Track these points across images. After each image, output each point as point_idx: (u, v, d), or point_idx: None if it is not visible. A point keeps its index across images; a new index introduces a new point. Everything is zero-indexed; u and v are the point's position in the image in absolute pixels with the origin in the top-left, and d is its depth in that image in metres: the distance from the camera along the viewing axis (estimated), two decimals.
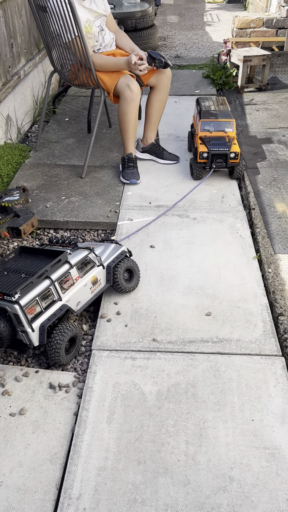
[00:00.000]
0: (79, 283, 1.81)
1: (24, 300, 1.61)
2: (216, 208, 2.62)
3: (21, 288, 1.61)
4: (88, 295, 1.87)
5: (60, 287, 1.73)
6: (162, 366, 1.71)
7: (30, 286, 1.64)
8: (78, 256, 1.83)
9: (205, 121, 2.87)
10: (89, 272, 1.86)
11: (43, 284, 1.68)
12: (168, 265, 2.22)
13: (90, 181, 2.92)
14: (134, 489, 1.35)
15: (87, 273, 1.86)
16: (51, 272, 1.71)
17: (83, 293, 1.83)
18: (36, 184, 2.88)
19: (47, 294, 1.69)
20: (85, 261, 1.85)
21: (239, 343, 1.80)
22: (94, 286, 1.88)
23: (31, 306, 1.63)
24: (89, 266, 1.87)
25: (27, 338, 1.64)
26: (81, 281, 1.82)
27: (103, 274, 1.93)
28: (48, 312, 1.69)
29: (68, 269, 1.77)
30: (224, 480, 1.36)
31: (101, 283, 1.93)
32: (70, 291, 1.77)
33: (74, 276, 1.79)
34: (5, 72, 3.29)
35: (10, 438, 1.50)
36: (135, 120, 2.78)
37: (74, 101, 4.15)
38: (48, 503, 1.33)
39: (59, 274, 1.74)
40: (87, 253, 1.86)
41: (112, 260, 1.96)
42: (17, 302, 1.59)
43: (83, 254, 1.85)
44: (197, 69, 4.97)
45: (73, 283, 1.78)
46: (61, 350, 1.67)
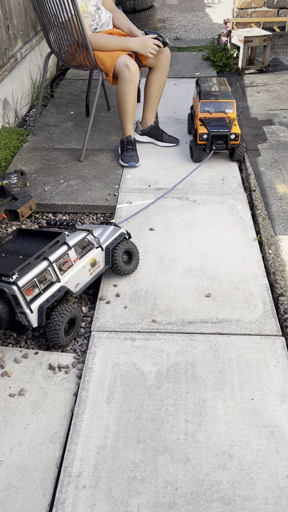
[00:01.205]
0: (77, 265, 1.80)
1: (22, 281, 1.60)
2: (216, 190, 2.60)
3: (18, 269, 1.60)
4: (87, 277, 1.86)
5: (58, 268, 1.72)
6: (161, 347, 1.71)
7: (28, 267, 1.63)
8: (76, 238, 1.82)
9: (205, 102, 2.82)
10: (87, 254, 1.85)
11: (41, 265, 1.67)
12: (167, 248, 2.20)
13: (89, 164, 2.89)
14: (133, 467, 1.35)
15: (86, 255, 1.84)
16: (49, 253, 1.70)
17: (82, 275, 1.82)
18: (34, 168, 2.85)
19: (45, 275, 1.68)
20: (84, 242, 1.83)
21: (239, 323, 1.79)
22: (93, 268, 1.87)
23: (30, 288, 1.62)
24: (88, 248, 1.85)
25: (26, 319, 1.63)
26: (80, 262, 1.81)
27: (102, 256, 1.92)
28: (46, 294, 1.68)
29: (66, 250, 1.75)
30: (223, 457, 1.37)
31: (100, 265, 1.92)
32: (68, 272, 1.76)
33: (73, 258, 1.78)
34: (1, 54, 3.24)
35: (10, 418, 1.50)
36: (134, 101, 2.74)
37: (72, 84, 4.09)
38: (48, 481, 1.34)
39: (57, 256, 1.72)
40: (85, 235, 1.85)
41: (111, 242, 1.95)
42: (15, 283, 1.58)
43: (81, 236, 1.83)
44: (197, 51, 4.89)
45: (71, 265, 1.77)
46: (60, 332, 1.67)
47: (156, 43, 2.64)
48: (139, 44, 2.63)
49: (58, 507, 1.27)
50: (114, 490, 1.30)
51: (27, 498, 1.30)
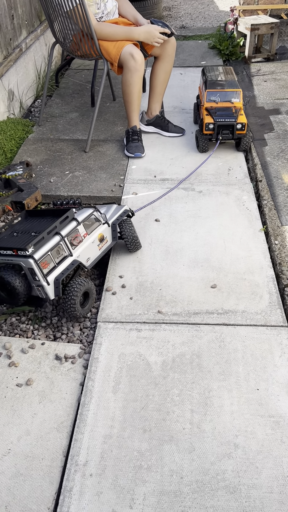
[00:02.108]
0: (87, 240, 1.87)
1: (38, 254, 1.66)
2: (222, 181, 2.58)
3: (33, 243, 1.66)
4: (97, 252, 1.93)
5: (69, 243, 1.79)
6: (167, 337, 1.71)
7: (42, 242, 1.70)
8: (84, 214, 1.89)
9: (211, 91, 2.80)
10: (95, 229, 1.92)
11: (54, 239, 1.74)
12: (173, 239, 2.20)
13: (94, 155, 2.88)
14: (139, 456, 1.37)
15: (94, 231, 1.91)
16: (60, 228, 1.77)
17: (92, 249, 1.89)
18: (39, 159, 2.85)
19: (59, 250, 1.75)
20: (91, 218, 1.90)
21: (244, 314, 1.79)
22: (101, 243, 1.95)
23: (45, 261, 1.69)
24: (96, 224, 1.92)
25: (43, 291, 1.70)
26: (89, 238, 1.88)
27: (109, 232, 1.99)
28: (61, 267, 1.75)
29: (75, 226, 1.82)
30: (229, 447, 1.38)
31: (108, 241, 1.99)
32: (79, 247, 1.83)
33: (82, 233, 1.85)
34: (6, 44, 3.22)
35: (17, 407, 1.52)
36: (139, 91, 2.72)
37: (77, 74, 4.07)
38: (56, 470, 1.36)
39: (68, 230, 1.79)
40: (92, 211, 1.92)
41: (116, 218, 2.01)
42: (31, 256, 1.65)
43: (88, 212, 1.90)
44: (203, 39, 4.83)
45: (81, 240, 1.85)
46: (76, 304, 1.73)
47: (162, 31, 2.61)
48: (144, 34, 2.60)
49: (65, 494, 1.29)
50: (120, 479, 1.32)
51: (34, 486, 1.32)
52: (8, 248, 1.68)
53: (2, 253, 1.70)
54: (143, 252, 2.12)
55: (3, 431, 1.45)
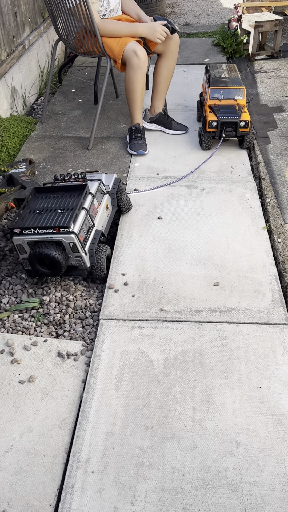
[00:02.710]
0: (99, 210, 2.04)
1: (76, 228, 1.83)
2: (225, 179, 2.58)
3: (72, 220, 1.82)
4: (106, 220, 2.10)
5: (91, 215, 1.94)
6: (169, 335, 1.71)
7: (76, 217, 1.85)
8: (93, 187, 2.05)
9: (214, 88, 2.79)
10: (103, 199, 2.09)
11: (82, 214, 1.89)
12: (176, 236, 2.19)
13: (97, 152, 2.88)
14: (141, 453, 1.37)
15: (102, 201, 2.08)
16: (84, 203, 1.93)
17: (103, 218, 2.07)
18: (42, 157, 2.85)
19: (87, 222, 1.91)
20: (99, 190, 2.06)
21: (247, 312, 1.79)
22: (107, 211, 2.12)
23: (81, 234, 1.86)
24: (102, 194, 2.09)
25: (82, 261, 1.88)
26: (100, 208, 2.05)
27: (110, 200, 2.17)
28: (90, 238, 1.94)
29: (92, 199, 1.98)
30: (230, 445, 1.38)
31: (110, 209, 2.16)
32: (96, 218, 2.00)
33: (96, 205, 2.01)
34: (10, 42, 3.22)
35: (20, 404, 1.52)
36: (142, 88, 2.72)
37: (80, 72, 4.06)
38: (58, 466, 1.36)
39: (88, 204, 1.95)
40: (99, 183, 2.06)
41: (113, 187, 2.19)
42: (73, 232, 1.81)
43: (96, 184, 2.06)
44: (207, 37, 4.82)
45: (97, 211, 2.01)
46: (105, 266, 1.94)
47: (164, 30, 2.61)
48: (147, 29, 2.60)
49: (67, 491, 1.29)
50: (122, 476, 1.32)
51: (36, 482, 1.32)
52: (50, 227, 1.81)
53: (41, 232, 1.82)
54: (146, 249, 2.12)
55: (6, 427, 1.46)
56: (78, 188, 1.99)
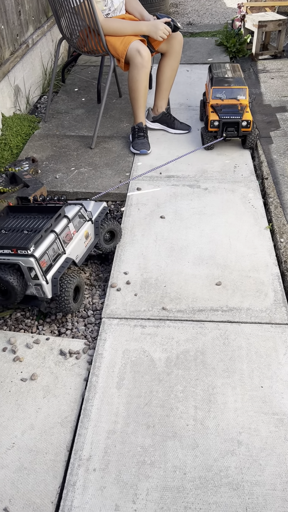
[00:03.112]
0: (75, 237, 1.86)
1: (38, 252, 1.65)
2: (228, 178, 2.57)
3: (34, 242, 1.65)
4: (83, 249, 1.92)
5: (62, 240, 1.78)
6: (171, 334, 1.71)
7: (40, 240, 1.68)
8: (72, 211, 1.88)
9: (216, 88, 2.79)
10: (82, 226, 1.92)
11: (50, 237, 1.72)
12: (178, 236, 2.20)
13: (100, 151, 2.88)
14: (143, 451, 1.37)
15: (81, 228, 1.91)
16: (54, 226, 1.76)
17: (80, 246, 1.89)
18: (45, 155, 2.85)
19: (54, 247, 1.74)
20: (79, 215, 1.90)
21: (249, 312, 1.79)
22: (87, 240, 1.94)
23: (44, 259, 1.68)
24: (82, 221, 1.92)
25: (42, 290, 1.69)
26: (77, 235, 1.88)
27: (92, 229, 1.99)
28: (56, 265, 1.74)
29: (67, 223, 1.82)
30: (232, 444, 1.38)
31: (91, 238, 1.98)
32: (70, 244, 1.83)
33: (72, 230, 1.84)
34: (13, 40, 3.22)
35: (22, 402, 1.53)
36: (145, 87, 2.72)
37: (84, 71, 4.06)
38: (59, 464, 1.36)
39: (61, 228, 1.78)
40: (79, 208, 1.91)
41: (98, 216, 2.01)
42: (33, 255, 1.63)
43: (76, 209, 1.90)
44: (210, 36, 4.81)
45: (71, 237, 1.83)
46: (70, 298, 1.73)
47: (167, 28, 2.60)
48: (150, 27, 2.60)
49: (68, 488, 1.29)
50: (124, 474, 1.32)
51: (38, 480, 1.33)
52: (7, 247, 1.64)
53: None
54: (148, 248, 2.12)
55: (8, 425, 1.46)
56: (53, 210, 1.82)
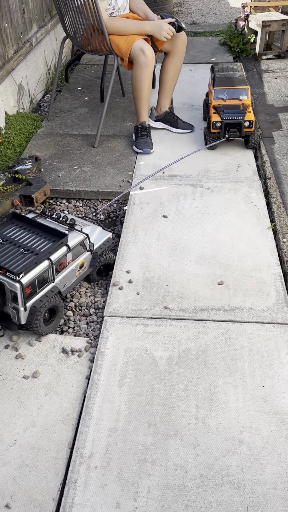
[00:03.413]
0: (69, 266, 1.79)
1: (25, 279, 1.59)
2: (231, 178, 2.58)
3: (25, 269, 1.60)
4: (74, 279, 1.85)
5: (55, 269, 1.72)
6: (173, 333, 1.72)
7: (33, 267, 1.62)
8: (75, 240, 1.80)
9: (218, 89, 2.79)
10: (80, 256, 1.84)
11: (43, 264, 1.65)
12: (180, 235, 2.20)
13: (103, 150, 2.88)
14: (144, 449, 1.37)
15: (79, 257, 1.84)
16: (52, 253, 1.69)
17: (70, 276, 1.82)
18: (48, 154, 2.85)
19: (44, 275, 1.67)
20: (80, 245, 1.83)
21: (251, 311, 1.79)
22: (80, 270, 1.86)
23: (29, 287, 1.62)
24: (81, 251, 1.84)
25: (17, 315, 1.63)
26: (72, 264, 1.80)
27: (89, 259, 1.91)
28: (40, 293, 1.67)
29: (65, 252, 1.74)
30: (233, 443, 1.38)
31: (85, 268, 1.90)
32: (62, 273, 1.76)
33: (68, 259, 1.77)
34: (17, 39, 3.23)
35: (24, 399, 1.53)
36: (149, 87, 2.72)
37: (87, 70, 4.07)
38: (61, 461, 1.37)
39: (57, 256, 1.71)
40: (83, 238, 1.82)
41: (99, 247, 1.93)
42: (19, 282, 1.57)
43: (80, 238, 1.81)
44: (214, 36, 4.81)
45: (65, 266, 1.76)
46: (39, 321, 1.66)
47: (171, 28, 2.60)
48: (154, 27, 2.60)
49: (70, 486, 1.30)
50: (125, 472, 1.32)
51: (40, 477, 1.33)
52: None
53: None
54: (151, 247, 2.13)
55: (10, 422, 1.46)
56: (56, 234, 1.75)
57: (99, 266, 1.96)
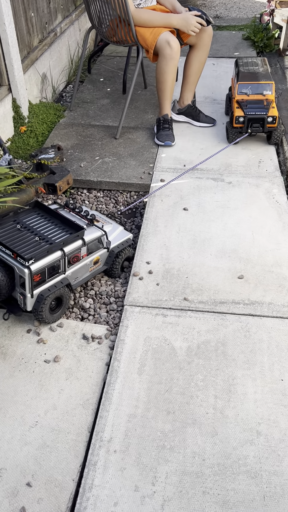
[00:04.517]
0: (83, 261, 1.81)
1: (35, 266, 1.61)
2: (252, 173, 2.57)
3: (36, 256, 1.62)
4: (86, 273, 1.86)
5: (68, 261, 1.73)
6: (192, 324, 1.73)
7: (44, 256, 1.64)
8: (92, 235, 1.81)
9: (242, 83, 2.77)
10: (96, 252, 1.86)
11: (55, 254, 1.67)
12: (201, 228, 2.21)
13: (124, 142, 2.89)
14: (163, 436, 1.39)
15: (94, 253, 1.85)
16: (66, 245, 1.71)
17: (83, 270, 1.83)
18: (70, 144, 2.87)
19: (55, 265, 1.69)
20: (97, 242, 1.84)
21: (271, 306, 1.79)
22: (94, 266, 1.88)
23: (39, 274, 1.64)
24: (98, 247, 1.86)
25: (24, 301, 1.66)
26: (86, 259, 1.82)
27: (105, 256, 1.92)
28: (50, 282, 1.69)
29: (80, 246, 1.76)
30: (251, 434, 1.39)
31: (100, 264, 1.91)
32: (74, 266, 1.77)
33: (82, 253, 1.79)
34: (42, 28, 3.24)
35: (45, 382, 1.56)
36: (173, 79, 2.72)
37: (110, 61, 4.07)
38: (81, 444, 1.40)
39: (71, 249, 1.72)
40: (101, 235, 1.84)
41: (117, 246, 1.94)
42: (28, 268, 1.60)
43: (97, 234, 1.83)
44: (237, 30, 4.77)
45: (79, 259, 1.78)
46: (45, 309, 1.67)
47: (199, 21, 2.60)
48: (182, 21, 2.59)
49: (89, 468, 1.33)
50: (144, 457, 1.35)
51: (60, 458, 1.36)
52: (10, 249, 1.63)
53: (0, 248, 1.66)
54: (171, 240, 2.14)
55: (31, 404, 1.50)
56: (74, 227, 1.78)
57: (120, 264, 1.96)
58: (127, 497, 1.26)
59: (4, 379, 1.57)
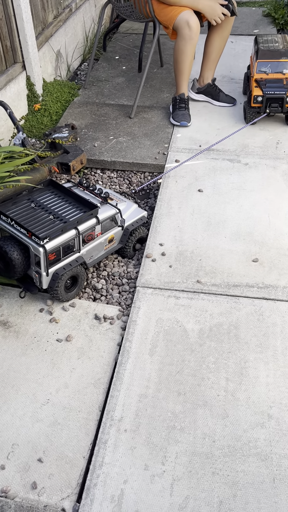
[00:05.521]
0: (98, 239, 1.80)
1: (50, 245, 1.62)
2: (269, 154, 2.51)
3: (50, 234, 1.62)
4: (101, 252, 1.86)
5: (82, 240, 1.73)
6: (205, 307, 1.72)
7: (58, 234, 1.64)
8: (106, 213, 1.80)
9: (262, 61, 2.69)
10: (110, 230, 1.85)
11: (70, 233, 1.67)
12: (215, 210, 2.17)
13: (139, 121, 2.85)
14: (173, 417, 1.40)
15: (109, 231, 1.84)
16: (80, 223, 1.70)
17: (98, 248, 1.83)
18: (84, 123, 2.84)
19: (70, 244, 1.69)
20: (111, 220, 1.83)
21: (285, 290, 1.77)
22: (109, 244, 1.87)
23: (54, 253, 1.64)
24: (112, 225, 1.85)
25: (39, 280, 1.67)
26: (101, 237, 1.81)
27: (120, 234, 1.91)
28: (65, 261, 1.69)
29: (94, 224, 1.75)
30: (262, 417, 1.39)
31: (115, 243, 1.91)
32: (89, 244, 1.77)
33: (97, 232, 1.78)
34: (57, 3, 3.18)
35: (57, 361, 1.57)
36: (191, 60, 2.65)
37: (125, 38, 3.98)
38: (91, 422, 1.41)
39: (85, 227, 1.72)
40: (115, 213, 1.83)
41: (131, 224, 1.92)
42: (43, 246, 1.60)
43: (111, 212, 1.82)
44: (257, 6, 4.62)
45: (93, 238, 1.77)
46: (60, 288, 1.69)
47: (224, 12, 2.53)
48: (208, 8, 2.53)
49: (100, 446, 1.34)
50: (154, 437, 1.35)
51: (71, 435, 1.38)
52: (25, 228, 1.63)
53: (16, 226, 1.67)
54: (185, 221, 2.11)
55: (43, 382, 1.51)
56: (88, 205, 1.78)
57: (133, 243, 1.96)
58: (136, 475, 1.27)
59: (16, 357, 1.58)
